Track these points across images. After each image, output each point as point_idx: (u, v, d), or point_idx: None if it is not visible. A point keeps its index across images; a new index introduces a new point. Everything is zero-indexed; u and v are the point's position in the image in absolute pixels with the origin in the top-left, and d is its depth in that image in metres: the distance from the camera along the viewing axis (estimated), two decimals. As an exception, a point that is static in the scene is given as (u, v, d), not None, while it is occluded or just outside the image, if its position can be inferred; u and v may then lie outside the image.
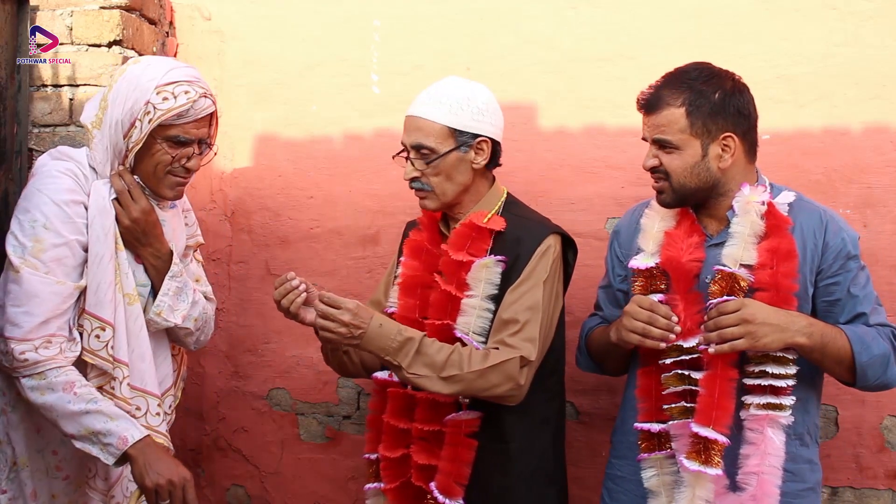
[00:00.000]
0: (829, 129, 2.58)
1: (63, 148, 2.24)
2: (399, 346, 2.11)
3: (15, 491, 2.18)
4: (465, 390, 2.15)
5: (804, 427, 2.10)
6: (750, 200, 2.08)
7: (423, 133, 2.22)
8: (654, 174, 2.12)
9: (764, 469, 1.99)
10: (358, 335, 2.10)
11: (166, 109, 2.12)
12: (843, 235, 2.08)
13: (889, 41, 2.54)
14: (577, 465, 2.72)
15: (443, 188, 2.25)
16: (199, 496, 2.95)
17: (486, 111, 2.25)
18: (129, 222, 2.18)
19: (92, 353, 2.12)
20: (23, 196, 2.17)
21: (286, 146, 2.93)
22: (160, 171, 2.19)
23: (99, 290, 2.13)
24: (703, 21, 2.65)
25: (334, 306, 2.09)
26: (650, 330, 2.05)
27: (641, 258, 2.17)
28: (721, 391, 2.01)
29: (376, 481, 2.36)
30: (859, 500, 2.57)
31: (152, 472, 2.01)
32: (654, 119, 2.09)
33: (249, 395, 2.97)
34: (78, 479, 2.24)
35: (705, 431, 2.00)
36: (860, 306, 2.06)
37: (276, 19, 2.93)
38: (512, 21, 2.77)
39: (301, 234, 2.92)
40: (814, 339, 1.99)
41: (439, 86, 2.27)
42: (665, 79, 2.11)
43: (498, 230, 2.25)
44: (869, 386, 2.08)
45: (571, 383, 2.72)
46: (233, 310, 2.96)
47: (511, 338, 2.17)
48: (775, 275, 2.01)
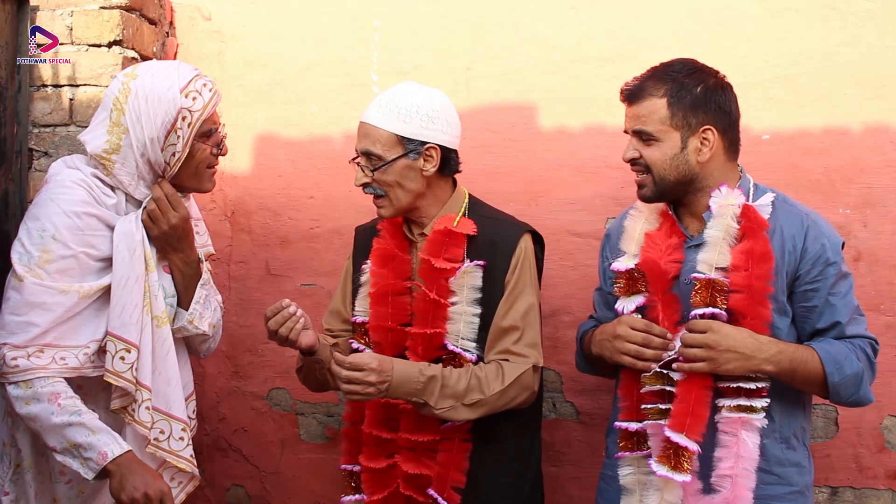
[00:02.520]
0: (829, 129, 2.58)
1: (77, 157, 2.23)
2: (423, 387, 2.14)
3: (18, 493, 2.18)
4: (489, 411, 2.18)
5: (790, 430, 2.09)
6: (724, 203, 2.07)
7: (370, 140, 2.23)
8: (635, 167, 2.14)
9: (738, 472, 1.99)
10: (385, 388, 2.13)
11: (202, 108, 2.14)
12: (824, 241, 2.06)
13: (889, 41, 2.54)
14: (578, 465, 2.72)
15: (395, 194, 2.25)
16: (199, 496, 2.97)
17: (437, 118, 2.25)
18: (167, 228, 2.18)
19: (116, 374, 2.10)
20: (34, 203, 2.16)
21: (286, 146, 2.93)
22: (202, 168, 2.21)
23: (124, 312, 2.11)
24: (703, 21, 2.65)
25: (357, 369, 2.10)
26: (644, 352, 2.06)
27: (623, 260, 2.17)
28: (697, 398, 2.01)
29: (355, 493, 2.36)
30: (859, 500, 2.57)
31: (129, 486, 2.01)
32: (635, 109, 2.10)
33: (249, 395, 2.97)
34: (81, 484, 2.23)
35: (677, 437, 2.00)
36: (837, 315, 2.05)
37: (276, 19, 2.92)
38: (512, 21, 2.77)
39: (301, 234, 2.92)
40: (781, 366, 1.98)
41: (391, 92, 2.28)
42: (650, 71, 2.13)
43: (471, 234, 2.26)
44: (842, 402, 2.09)
45: (571, 383, 2.73)
46: (233, 310, 2.96)
47: (516, 346, 2.21)
48: (749, 277, 2.01)
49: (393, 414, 2.28)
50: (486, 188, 2.58)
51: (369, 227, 2.46)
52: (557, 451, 2.75)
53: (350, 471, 2.37)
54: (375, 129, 2.23)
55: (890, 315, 2.54)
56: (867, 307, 2.53)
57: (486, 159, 2.78)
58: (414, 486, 2.24)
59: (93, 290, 2.12)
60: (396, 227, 2.36)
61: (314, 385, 2.42)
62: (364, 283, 2.37)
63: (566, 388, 2.74)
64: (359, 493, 2.34)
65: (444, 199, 2.32)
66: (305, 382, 2.43)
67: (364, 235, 2.46)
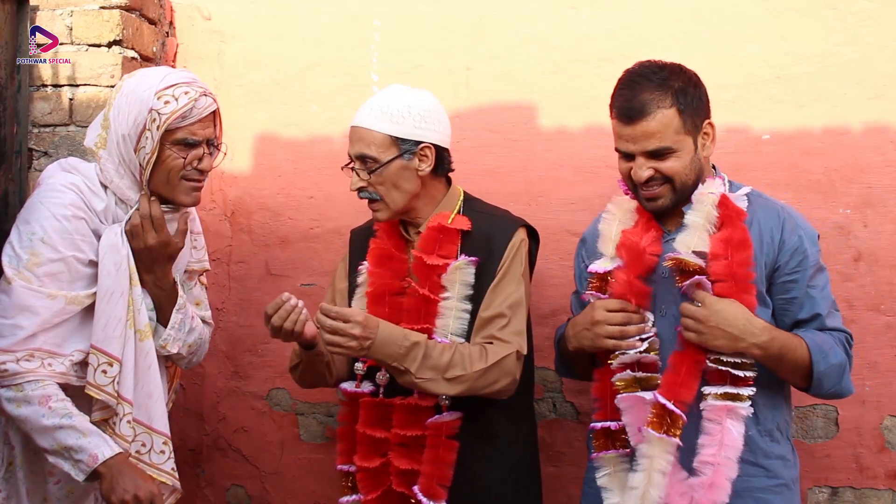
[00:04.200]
0: (829, 129, 2.58)
1: (73, 160, 2.24)
2: (406, 352, 2.13)
3: (10, 491, 2.18)
4: (468, 390, 2.16)
5: (773, 423, 2.09)
6: (704, 192, 2.08)
7: (365, 143, 2.24)
8: (651, 182, 2.06)
9: (720, 460, 1.98)
10: (367, 346, 2.11)
11: (171, 112, 2.11)
12: (801, 233, 2.07)
13: (889, 41, 2.54)
14: (578, 465, 2.72)
15: (391, 197, 2.25)
16: (199, 496, 2.97)
17: (429, 118, 2.26)
18: (143, 246, 2.17)
19: (98, 388, 2.11)
20: (25, 206, 2.17)
21: (286, 146, 2.93)
22: (174, 177, 2.17)
23: (108, 325, 2.11)
24: (703, 21, 2.65)
25: (343, 320, 2.09)
26: (627, 330, 2.07)
27: (600, 263, 2.17)
28: (688, 370, 2.02)
29: (352, 493, 2.36)
30: (859, 500, 2.57)
31: (119, 488, 2.02)
32: (643, 127, 2.01)
33: (249, 395, 2.97)
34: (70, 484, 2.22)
35: (670, 405, 1.99)
36: (817, 307, 2.06)
37: (276, 19, 2.92)
38: (512, 21, 2.77)
39: (301, 234, 2.92)
40: (770, 352, 1.98)
41: (381, 95, 2.29)
42: (633, 85, 2.05)
43: (465, 230, 2.27)
44: (823, 394, 2.08)
45: (571, 383, 2.73)
46: (233, 310, 2.96)
47: (501, 332, 2.20)
48: (731, 265, 2.00)
49: (386, 413, 2.28)
50: (486, 188, 2.58)
51: (365, 229, 2.47)
52: (557, 451, 2.75)
53: (346, 471, 2.37)
54: (369, 131, 2.23)
55: (890, 315, 2.54)
56: (867, 307, 2.54)
57: (486, 159, 2.78)
58: (406, 483, 2.23)
59: (80, 297, 2.12)
60: (393, 227, 2.37)
61: (311, 380, 2.43)
62: (361, 283, 2.37)
63: (566, 388, 2.74)
64: (356, 493, 2.34)
65: (439, 199, 2.33)
66: (301, 378, 2.43)
67: (360, 237, 2.46)
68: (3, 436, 2.19)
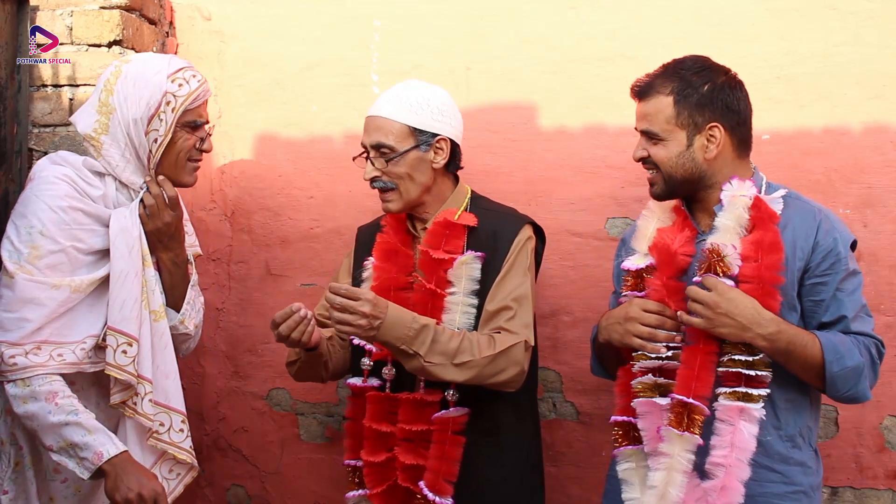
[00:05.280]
0: (829, 129, 2.58)
1: (63, 153, 2.24)
2: (416, 334, 2.11)
3: (17, 491, 2.18)
4: (476, 377, 2.15)
5: (796, 428, 2.07)
6: (736, 194, 2.07)
7: (382, 132, 2.25)
8: (646, 165, 2.14)
9: (731, 462, 1.97)
10: (377, 325, 2.09)
11: (187, 94, 2.16)
12: (836, 235, 2.05)
13: (889, 41, 2.54)
14: (577, 466, 2.72)
15: (405, 187, 2.27)
16: (199, 496, 2.97)
17: (446, 112, 2.29)
18: (161, 224, 2.20)
19: (119, 368, 2.12)
20: (20, 201, 2.17)
21: (286, 146, 2.93)
22: (182, 159, 2.22)
23: (124, 306, 2.13)
24: (703, 21, 2.65)
25: (353, 298, 2.07)
26: (657, 334, 2.06)
27: (634, 259, 2.18)
28: (701, 363, 2.01)
29: (358, 488, 2.35)
30: (859, 500, 2.57)
31: (123, 486, 2.03)
32: (643, 107, 2.11)
33: (249, 395, 2.97)
34: (77, 483, 2.23)
35: (688, 399, 1.98)
36: (843, 309, 2.03)
37: (276, 19, 2.93)
38: (512, 21, 2.77)
39: (301, 234, 2.92)
40: (777, 345, 1.97)
41: (399, 87, 2.31)
42: (661, 68, 2.14)
43: (472, 226, 2.28)
44: (838, 397, 2.04)
45: (571, 383, 2.73)
46: (233, 310, 2.96)
47: (509, 323, 2.20)
48: (759, 267, 2.00)
49: (393, 407, 2.27)
50: (486, 188, 2.58)
51: (372, 226, 2.48)
52: (557, 451, 2.75)
53: (353, 466, 2.37)
54: (387, 120, 2.25)
55: (890, 315, 2.54)
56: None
57: (486, 159, 2.78)
58: (411, 478, 2.23)
59: (84, 283, 2.13)
60: (400, 222, 2.37)
61: (306, 377, 2.44)
62: (366, 278, 2.37)
63: (566, 388, 2.75)
64: (362, 488, 2.34)
65: (447, 195, 2.35)
66: (297, 374, 2.44)
67: (366, 233, 2.47)
68: (10, 436, 2.20)
